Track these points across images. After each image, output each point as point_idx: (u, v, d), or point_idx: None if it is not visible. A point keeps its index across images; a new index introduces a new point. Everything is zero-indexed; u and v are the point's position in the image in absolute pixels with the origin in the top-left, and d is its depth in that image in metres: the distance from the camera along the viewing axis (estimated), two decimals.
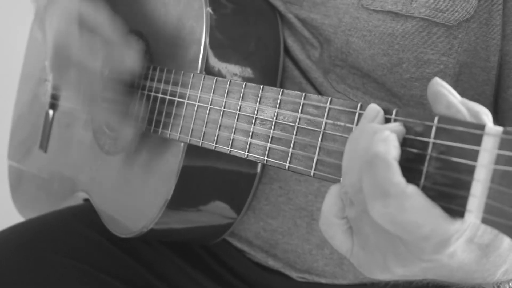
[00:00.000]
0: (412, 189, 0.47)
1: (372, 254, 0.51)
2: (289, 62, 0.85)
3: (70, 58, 0.82)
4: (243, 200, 0.86)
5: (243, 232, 0.89)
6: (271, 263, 0.88)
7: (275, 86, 0.84)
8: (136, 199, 0.86)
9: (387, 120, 0.53)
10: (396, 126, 0.51)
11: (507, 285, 0.69)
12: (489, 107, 0.80)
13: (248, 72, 0.83)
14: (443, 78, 0.77)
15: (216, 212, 0.87)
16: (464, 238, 0.48)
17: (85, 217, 0.97)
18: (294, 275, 0.88)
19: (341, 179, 0.53)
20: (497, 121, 0.81)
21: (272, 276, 0.89)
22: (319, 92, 0.84)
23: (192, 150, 0.79)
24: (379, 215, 0.47)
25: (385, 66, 0.78)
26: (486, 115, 0.49)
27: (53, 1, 0.88)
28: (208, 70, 0.79)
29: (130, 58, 0.83)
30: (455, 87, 0.77)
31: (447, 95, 0.49)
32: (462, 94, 0.78)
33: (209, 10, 0.81)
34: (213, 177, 0.84)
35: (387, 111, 0.53)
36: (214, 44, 0.80)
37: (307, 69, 0.84)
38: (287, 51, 0.86)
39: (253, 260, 0.89)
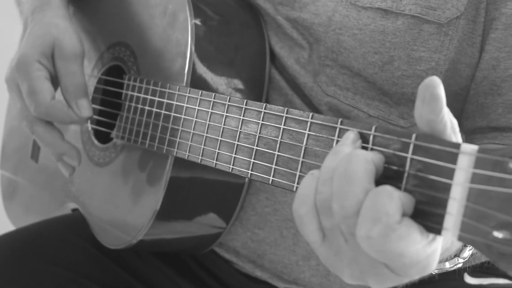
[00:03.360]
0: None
1: (347, 263, 0.51)
2: (275, 72, 0.86)
3: None
4: (231, 210, 0.86)
5: (230, 242, 0.89)
6: (258, 273, 0.88)
7: (261, 96, 0.85)
8: (125, 210, 0.87)
9: (367, 136, 0.53)
10: (376, 154, 0.51)
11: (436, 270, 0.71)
12: None
13: (234, 84, 0.83)
14: (434, 75, 0.77)
15: (204, 222, 0.87)
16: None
17: (75, 226, 0.97)
18: (281, 285, 0.88)
19: (319, 187, 0.52)
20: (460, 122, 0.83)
21: (259, 286, 0.89)
22: (308, 98, 0.84)
23: (180, 161, 0.79)
24: (364, 237, 0.47)
25: (377, 64, 0.78)
26: (458, 127, 0.50)
27: None
28: (194, 83, 0.80)
29: None
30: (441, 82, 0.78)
31: (442, 102, 0.48)
32: (447, 89, 0.80)
33: (194, 22, 0.81)
34: (201, 187, 0.84)
35: (365, 127, 0.53)
36: (200, 56, 0.81)
37: (295, 75, 0.84)
38: (274, 60, 0.86)
39: (240, 270, 0.89)
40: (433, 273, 0.72)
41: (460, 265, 0.70)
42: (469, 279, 0.89)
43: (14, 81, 0.84)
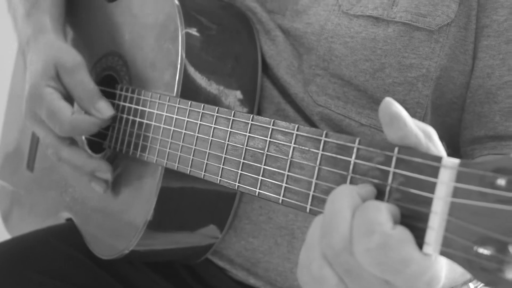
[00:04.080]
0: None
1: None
2: (267, 81, 0.85)
3: None
4: (224, 220, 0.86)
5: (224, 251, 0.89)
6: (252, 281, 0.88)
7: (253, 105, 0.84)
8: (117, 220, 0.87)
9: (350, 149, 0.53)
10: (369, 189, 0.51)
11: None
12: None
13: (225, 93, 0.83)
14: (425, 82, 0.77)
15: (197, 232, 0.87)
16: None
17: (68, 236, 0.97)
18: None
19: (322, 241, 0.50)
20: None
21: None
22: (300, 109, 0.83)
23: (171, 171, 0.79)
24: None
25: (368, 72, 0.78)
26: (436, 135, 0.49)
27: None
28: (185, 93, 0.79)
29: None
30: (435, 90, 0.78)
31: (404, 118, 0.48)
32: (441, 98, 0.80)
33: (185, 31, 0.81)
34: (193, 197, 0.84)
35: (349, 140, 0.53)
36: (191, 66, 0.80)
37: (286, 86, 0.84)
38: (265, 69, 0.86)
39: (234, 278, 0.89)
40: None
41: None
42: None
43: (31, 112, 0.86)
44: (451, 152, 0.78)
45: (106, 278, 0.93)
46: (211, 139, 0.69)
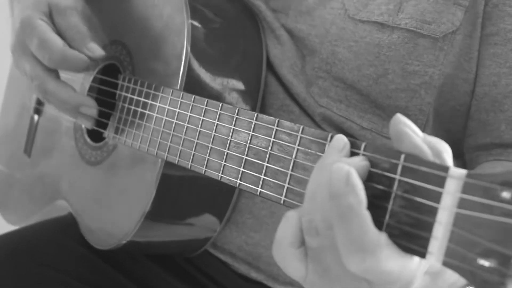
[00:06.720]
0: (384, 239, 0.47)
1: (332, 284, 0.51)
2: (272, 77, 0.85)
3: None
4: (223, 213, 0.86)
5: (226, 245, 0.89)
6: (254, 275, 0.88)
7: (256, 101, 0.84)
8: (115, 210, 0.86)
9: (355, 155, 0.53)
10: (361, 161, 0.50)
11: None
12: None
13: (229, 88, 0.82)
14: (428, 89, 0.77)
15: (195, 224, 0.87)
16: (422, 273, 0.49)
17: (71, 229, 0.97)
18: (276, 287, 0.88)
19: (302, 205, 0.52)
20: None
21: (254, 287, 0.89)
22: (302, 108, 0.83)
23: (171, 163, 0.78)
24: (356, 269, 0.47)
25: (371, 77, 0.78)
26: (447, 153, 0.49)
27: None
28: (188, 86, 0.79)
29: None
30: (438, 98, 0.78)
31: (411, 136, 0.49)
32: (445, 105, 0.80)
33: (191, 24, 0.80)
34: (192, 189, 0.84)
35: (354, 145, 0.53)
36: (195, 59, 0.80)
37: (288, 85, 0.84)
38: (270, 66, 0.86)
39: (236, 271, 0.89)
40: None
41: None
42: None
43: (21, 43, 0.84)
44: (454, 160, 0.78)
45: (107, 269, 0.93)
46: (214, 134, 0.68)
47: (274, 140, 0.61)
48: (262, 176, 0.61)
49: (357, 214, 0.46)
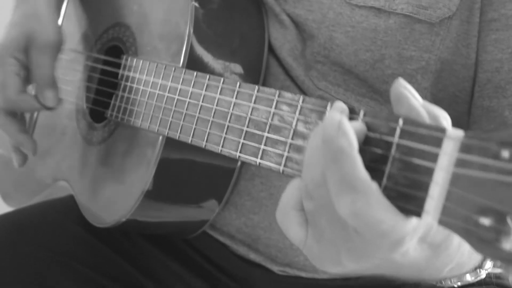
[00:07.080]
0: (375, 186, 0.48)
1: (326, 247, 0.51)
2: (273, 59, 0.86)
3: None
4: (222, 193, 0.86)
5: (225, 227, 0.89)
6: (252, 256, 0.88)
7: (257, 82, 0.85)
8: (115, 189, 0.87)
9: (354, 119, 0.53)
10: (358, 124, 0.51)
11: (449, 280, 0.70)
12: (470, 104, 0.81)
13: (231, 68, 0.83)
14: (424, 74, 0.77)
15: (194, 204, 0.87)
16: (417, 237, 0.49)
17: (69, 210, 0.97)
18: (275, 268, 0.88)
19: (303, 169, 0.53)
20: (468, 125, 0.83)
21: (253, 268, 0.90)
22: (301, 90, 0.84)
23: (171, 142, 0.79)
24: (346, 209, 0.47)
25: (368, 62, 0.78)
26: (445, 119, 0.50)
27: None
28: (191, 65, 0.80)
29: None
30: (436, 83, 0.78)
31: (409, 98, 0.49)
32: (443, 90, 0.80)
33: (194, 5, 0.81)
34: (192, 169, 0.84)
35: (353, 111, 0.53)
36: (198, 39, 0.81)
37: (288, 68, 0.84)
38: (271, 48, 0.86)
39: (234, 252, 0.90)
40: (455, 286, 0.72)
41: (483, 276, 0.70)
42: None
43: None
44: None
45: (105, 251, 0.94)
46: (215, 108, 0.69)
47: (274, 111, 0.62)
48: (262, 146, 0.62)
49: (348, 155, 0.47)
